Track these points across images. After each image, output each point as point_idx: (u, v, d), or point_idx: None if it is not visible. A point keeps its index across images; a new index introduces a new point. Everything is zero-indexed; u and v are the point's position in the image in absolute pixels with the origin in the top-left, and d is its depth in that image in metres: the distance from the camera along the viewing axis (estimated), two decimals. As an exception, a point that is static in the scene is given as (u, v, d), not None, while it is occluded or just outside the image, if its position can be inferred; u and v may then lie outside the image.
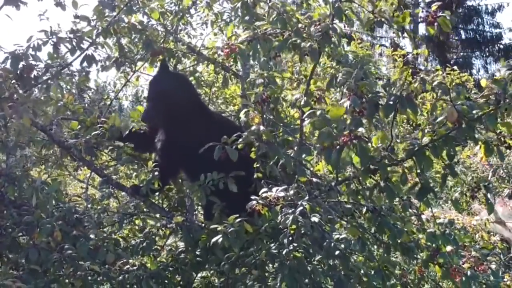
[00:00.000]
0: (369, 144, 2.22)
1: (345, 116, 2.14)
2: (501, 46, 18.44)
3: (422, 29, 17.94)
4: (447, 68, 7.05)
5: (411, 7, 17.57)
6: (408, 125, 7.56)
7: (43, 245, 2.63)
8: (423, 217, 2.83)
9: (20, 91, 2.66)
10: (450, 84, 7.00)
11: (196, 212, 3.98)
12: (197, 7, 3.90)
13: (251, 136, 2.46)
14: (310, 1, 3.47)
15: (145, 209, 3.40)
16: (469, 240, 2.77)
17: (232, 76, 3.96)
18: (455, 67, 7.05)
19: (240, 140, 2.51)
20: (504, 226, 5.25)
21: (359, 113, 2.12)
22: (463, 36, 18.56)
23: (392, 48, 9.69)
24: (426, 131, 2.26)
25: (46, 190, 2.70)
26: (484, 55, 18.61)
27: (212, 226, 2.59)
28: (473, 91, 7.36)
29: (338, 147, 2.12)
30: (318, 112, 2.17)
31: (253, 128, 2.51)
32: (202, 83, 4.36)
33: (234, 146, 2.51)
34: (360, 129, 2.11)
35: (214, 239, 2.50)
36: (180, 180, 3.64)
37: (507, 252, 5.31)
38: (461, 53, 18.57)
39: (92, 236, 2.73)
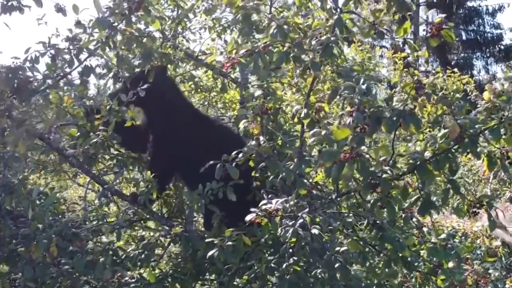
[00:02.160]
0: (370, 158, 2.19)
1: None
2: (502, 47, 18.42)
3: (422, 30, 17.92)
4: (447, 71, 7.03)
5: (412, 7, 17.51)
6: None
7: (39, 259, 2.61)
8: (425, 228, 2.81)
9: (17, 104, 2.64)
10: (451, 87, 7.00)
11: (196, 218, 3.96)
12: (195, 12, 3.86)
13: (250, 151, 2.44)
14: (310, 5, 3.44)
15: (145, 215, 3.39)
16: (470, 246, 2.73)
17: (231, 82, 3.93)
18: (455, 69, 7.03)
19: (240, 156, 2.49)
20: (505, 230, 5.21)
21: (361, 130, 2.10)
22: (464, 37, 18.49)
23: (393, 51, 9.64)
24: (428, 144, 2.23)
25: (43, 203, 2.67)
26: (485, 56, 18.55)
27: (208, 240, 2.55)
28: (473, 93, 7.36)
29: (339, 163, 2.09)
30: (323, 133, 2.14)
31: (252, 143, 2.49)
32: (201, 88, 4.34)
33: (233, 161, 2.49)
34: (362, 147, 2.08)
35: (210, 253, 2.47)
36: (180, 185, 3.62)
37: (508, 257, 5.29)
38: (462, 54, 18.51)
39: (90, 247, 2.70)
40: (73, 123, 3.41)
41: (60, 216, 3.15)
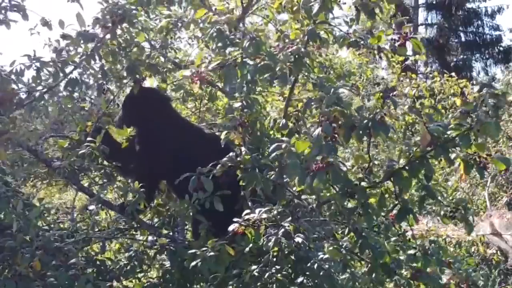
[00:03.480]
0: (345, 166, 2.20)
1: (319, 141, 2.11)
2: (501, 49, 18.38)
3: (422, 32, 17.91)
4: (445, 74, 7.05)
5: (410, 10, 17.52)
6: (407, 131, 7.52)
7: (24, 272, 2.63)
8: (415, 231, 2.80)
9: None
10: (448, 91, 7.02)
11: (188, 226, 3.98)
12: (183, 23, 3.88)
13: (228, 163, 2.46)
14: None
15: (135, 224, 3.40)
16: (452, 252, 2.73)
17: (219, 92, 3.95)
18: (453, 74, 7.05)
19: (218, 168, 2.51)
20: (500, 238, 5.23)
21: (332, 139, 2.11)
22: (463, 39, 18.46)
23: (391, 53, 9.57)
24: (402, 152, 2.24)
25: (28, 215, 2.68)
26: (484, 58, 18.52)
27: (191, 252, 2.56)
28: (471, 97, 7.35)
29: (311, 173, 2.10)
30: (284, 145, 2.16)
31: (230, 154, 2.51)
32: (192, 96, 4.36)
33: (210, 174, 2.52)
34: (332, 156, 2.09)
35: (192, 263, 2.48)
36: (172, 194, 3.64)
37: (504, 264, 5.30)
38: (461, 56, 18.48)
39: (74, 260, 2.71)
40: (62, 135, 3.44)
41: (46, 227, 3.18)
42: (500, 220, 5.64)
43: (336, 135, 2.11)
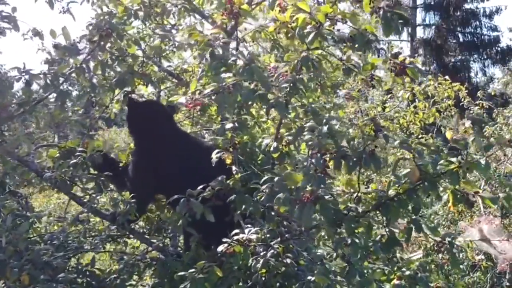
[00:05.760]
0: (333, 197, 2.21)
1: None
2: (499, 49, 18.43)
3: (420, 32, 17.95)
4: (439, 78, 7.05)
5: (408, 10, 17.51)
6: (400, 131, 7.51)
7: (13, 286, 2.63)
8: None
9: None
10: (442, 94, 7.02)
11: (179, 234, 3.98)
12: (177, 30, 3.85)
13: (218, 185, 2.47)
14: None
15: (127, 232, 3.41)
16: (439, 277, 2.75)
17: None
18: (447, 77, 7.06)
19: (207, 190, 2.51)
20: (489, 243, 5.24)
21: (322, 172, 2.12)
22: (461, 39, 18.52)
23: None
24: (391, 184, 2.25)
25: (17, 231, 2.68)
26: (482, 58, 18.57)
27: (180, 274, 2.57)
28: (466, 100, 7.37)
29: (300, 204, 2.11)
30: (276, 179, 2.17)
31: (219, 178, 2.52)
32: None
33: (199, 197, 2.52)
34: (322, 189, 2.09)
35: (181, 286, 2.49)
36: (161, 203, 3.63)
37: (492, 270, 5.34)
38: (459, 56, 18.53)
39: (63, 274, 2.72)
40: (53, 144, 3.44)
41: (37, 238, 3.18)
42: (489, 226, 5.65)
43: (327, 168, 2.12)
